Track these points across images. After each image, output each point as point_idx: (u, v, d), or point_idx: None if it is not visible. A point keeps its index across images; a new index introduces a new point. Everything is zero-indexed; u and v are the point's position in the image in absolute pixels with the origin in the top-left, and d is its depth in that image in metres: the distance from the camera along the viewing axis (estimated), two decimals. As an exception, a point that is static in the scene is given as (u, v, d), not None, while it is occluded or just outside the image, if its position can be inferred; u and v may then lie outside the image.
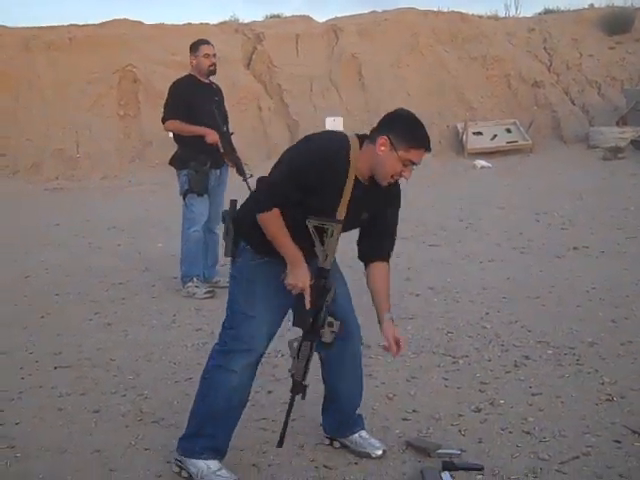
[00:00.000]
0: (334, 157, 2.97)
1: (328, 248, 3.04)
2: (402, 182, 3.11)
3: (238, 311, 3.16)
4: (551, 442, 3.49)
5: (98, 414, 3.98)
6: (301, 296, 3.03)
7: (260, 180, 3.09)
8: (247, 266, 3.16)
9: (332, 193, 2.99)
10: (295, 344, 3.12)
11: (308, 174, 2.92)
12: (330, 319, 3.06)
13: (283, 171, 3.01)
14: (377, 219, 3.19)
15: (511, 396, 4.02)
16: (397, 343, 3.16)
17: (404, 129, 2.95)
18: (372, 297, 3.28)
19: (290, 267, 3.02)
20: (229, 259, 3.29)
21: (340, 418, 3.47)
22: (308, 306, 3.03)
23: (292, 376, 3.16)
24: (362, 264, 3.34)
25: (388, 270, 3.31)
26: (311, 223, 2.99)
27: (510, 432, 3.61)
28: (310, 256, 3.05)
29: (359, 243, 3.29)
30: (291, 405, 3.17)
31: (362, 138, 3.06)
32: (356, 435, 3.46)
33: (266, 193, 3.03)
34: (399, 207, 3.24)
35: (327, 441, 3.54)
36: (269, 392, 4.17)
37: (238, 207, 3.28)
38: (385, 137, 2.93)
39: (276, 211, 2.97)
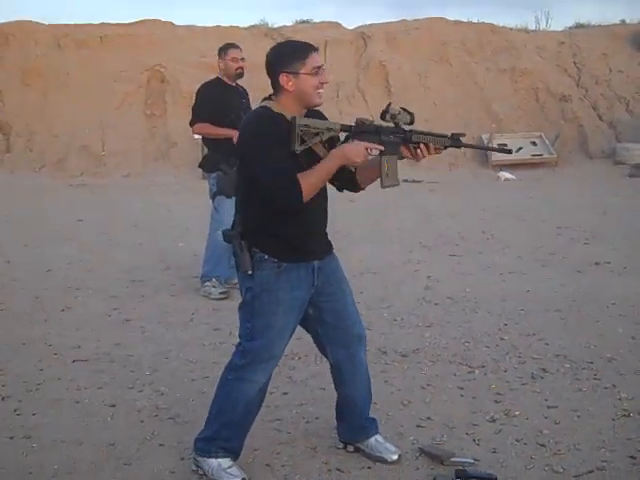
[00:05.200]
0: (272, 118, 3.04)
1: (321, 126, 3.09)
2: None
3: (260, 323, 3.15)
4: (566, 455, 3.47)
5: (114, 408, 4.01)
6: None
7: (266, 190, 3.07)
8: (268, 277, 3.13)
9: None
10: (415, 151, 3.19)
11: (275, 142, 2.97)
12: (388, 116, 3.11)
13: (265, 160, 2.98)
14: None
15: (527, 408, 4.00)
16: None
17: (286, 55, 3.08)
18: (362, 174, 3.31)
19: (344, 159, 3.04)
20: None
21: (356, 423, 3.48)
22: (381, 148, 3.11)
23: (450, 146, 3.26)
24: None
25: None
26: (298, 150, 3.02)
27: (525, 444, 3.59)
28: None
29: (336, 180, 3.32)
30: (473, 146, 3.64)
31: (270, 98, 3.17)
32: (372, 439, 3.47)
33: (284, 187, 2.98)
34: None
35: (341, 445, 3.55)
36: (284, 393, 4.18)
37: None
38: (282, 75, 3.05)
39: (300, 182, 2.96)
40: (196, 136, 6.61)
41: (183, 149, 14.93)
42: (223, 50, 6.31)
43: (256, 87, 6.21)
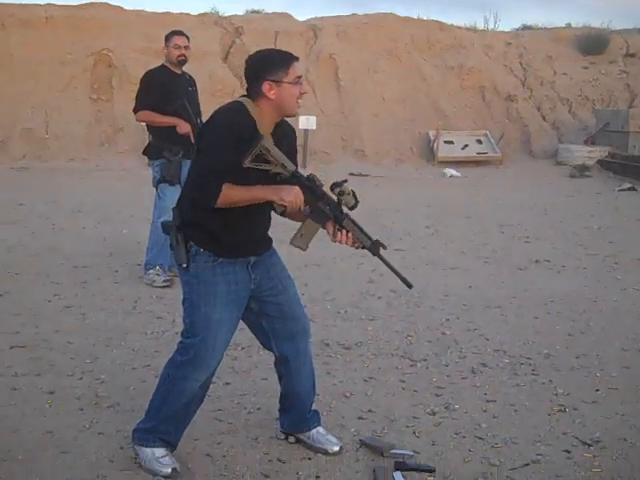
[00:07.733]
0: (241, 120, 3.03)
1: (278, 159, 3.04)
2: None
3: (199, 317, 3.14)
4: (503, 448, 3.53)
5: (53, 395, 3.95)
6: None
7: (191, 180, 3.09)
8: (203, 269, 3.12)
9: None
10: (337, 232, 3.28)
11: (230, 144, 2.96)
12: (337, 190, 3.17)
13: (209, 155, 2.99)
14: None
15: (466, 402, 4.06)
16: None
17: (270, 64, 3.09)
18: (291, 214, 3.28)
19: (277, 196, 3.02)
20: None
21: (299, 414, 3.49)
22: (308, 214, 3.16)
23: (367, 248, 3.46)
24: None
25: None
26: (247, 164, 2.99)
27: (463, 437, 3.65)
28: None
29: None
30: (385, 261, 3.49)
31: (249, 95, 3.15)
32: (313, 431, 3.48)
33: (206, 183, 2.98)
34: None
35: (282, 435, 3.55)
36: (226, 384, 4.16)
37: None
38: (266, 82, 3.05)
39: (225, 187, 2.96)
40: (143, 124, 6.56)
41: (129, 134, 14.72)
42: (167, 37, 6.30)
43: (203, 75, 6.18)
